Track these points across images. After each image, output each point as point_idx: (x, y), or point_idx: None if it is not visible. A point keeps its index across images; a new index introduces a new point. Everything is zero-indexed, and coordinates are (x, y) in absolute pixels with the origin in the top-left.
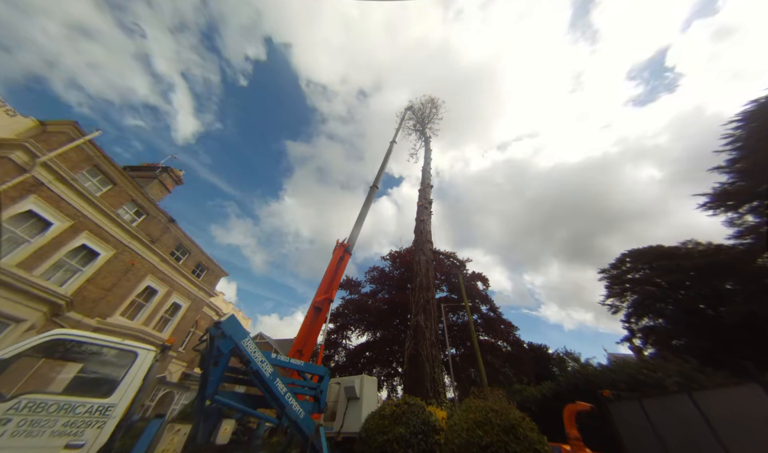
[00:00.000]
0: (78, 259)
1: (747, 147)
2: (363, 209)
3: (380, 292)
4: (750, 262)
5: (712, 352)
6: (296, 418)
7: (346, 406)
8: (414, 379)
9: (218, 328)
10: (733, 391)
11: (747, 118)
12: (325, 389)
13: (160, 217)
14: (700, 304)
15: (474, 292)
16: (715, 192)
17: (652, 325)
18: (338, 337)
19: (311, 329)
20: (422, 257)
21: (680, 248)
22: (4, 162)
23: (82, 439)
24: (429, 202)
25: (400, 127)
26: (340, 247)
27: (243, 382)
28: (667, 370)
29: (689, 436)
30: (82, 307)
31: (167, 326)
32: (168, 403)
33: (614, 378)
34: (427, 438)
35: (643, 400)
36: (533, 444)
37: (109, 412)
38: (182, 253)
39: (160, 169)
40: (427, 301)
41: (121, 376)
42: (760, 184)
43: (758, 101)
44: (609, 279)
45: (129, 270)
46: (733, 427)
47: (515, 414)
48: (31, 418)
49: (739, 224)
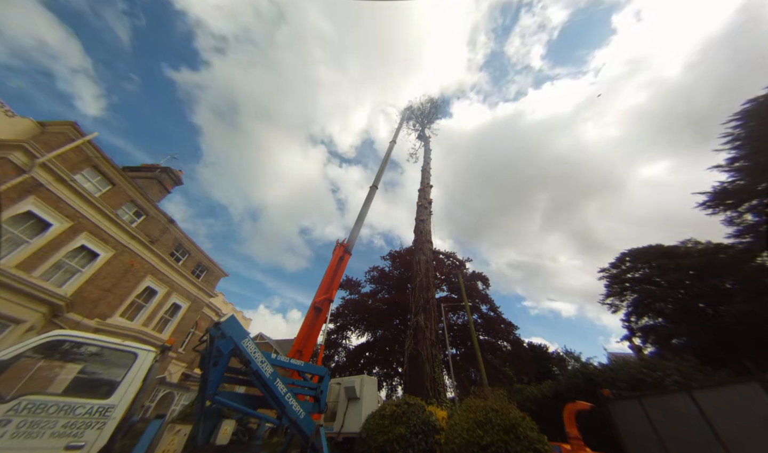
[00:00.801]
0: (77, 260)
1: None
2: (363, 209)
3: (380, 292)
4: (749, 261)
5: (712, 350)
6: (296, 418)
7: (347, 407)
8: (414, 379)
9: (218, 328)
10: (733, 390)
11: (746, 117)
12: (325, 389)
13: (160, 217)
14: (700, 303)
15: (474, 292)
16: (714, 191)
17: (651, 324)
18: (338, 337)
19: (311, 329)
20: (422, 257)
21: (679, 247)
22: (3, 163)
23: (82, 440)
24: (429, 202)
25: (399, 127)
26: (340, 247)
27: (243, 382)
28: (667, 369)
29: (689, 435)
30: (82, 307)
31: (167, 327)
32: (168, 403)
33: (614, 377)
34: (427, 438)
35: (643, 399)
36: (533, 443)
37: (109, 413)
38: (182, 254)
39: (159, 170)
40: (427, 300)
41: (120, 377)
42: (759, 183)
43: (757, 100)
44: (609, 278)
45: (128, 271)
46: (732, 426)
47: (515, 413)
48: (31, 419)
49: (739, 223)
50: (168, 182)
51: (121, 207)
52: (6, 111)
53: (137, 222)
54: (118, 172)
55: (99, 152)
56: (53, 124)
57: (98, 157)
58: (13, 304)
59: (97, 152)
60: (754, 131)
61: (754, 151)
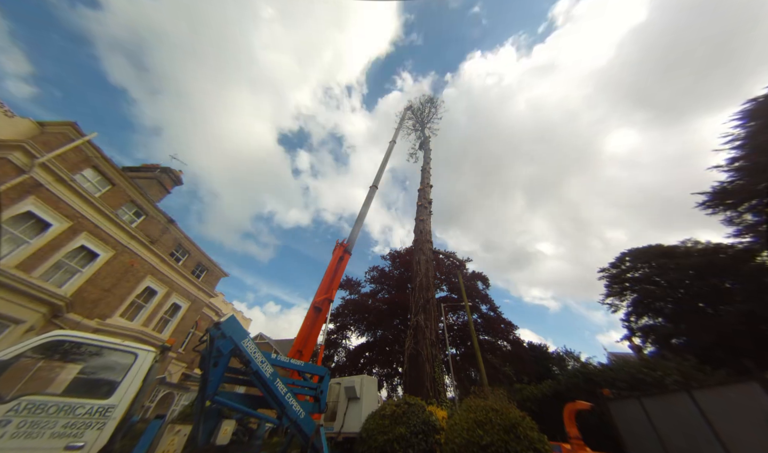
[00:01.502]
0: (77, 260)
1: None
2: (363, 209)
3: (380, 292)
4: (749, 261)
5: (712, 350)
6: (296, 418)
7: (347, 406)
8: (414, 378)
9: (218, 328)
10: (733, 390)
11: (746, 117)
12: (325, 389)
13: (160, 217)
14: (700, 303)
15: (474, 292)
16: (714, 190)
17: (651, 324)
18: (338, 337)
19: (311, 329)
20: (422, 257)
21: (679, 247)
22: (2, 163)
23: (81, 441)
24: (429, 201)
25: (399, 127)
26: (340, 246)
27: (243, 382)
28: (667, 369)
29: (689, 435)
30: (82, 308)
31: (167, 327)
32: (168, 403)
33: (614, 377)
34: (427, 437)
35: (643, 398)
36: (533, 443)
37: (109, 413)
38: (182, 254)
39: (159, 170)
40: (426, 300)
41: (120, 377)
42: (759, 183)
43: (757, 100)
44: (608, 278)
45: (128, 271)
46: (732, 426)
47: (515, 413)
48: (31, 419)
49: (739, 223)
50: (168, 182)
51: (121, 207)
52: (5, 111)
53: (137, 222)
54: (117, 172)
55: (99, 152)
56: (52, 124)
57: (98, 157)
58: (12, 305)
59: (97, 152)
60: (754, 131)
61: (753, 151)
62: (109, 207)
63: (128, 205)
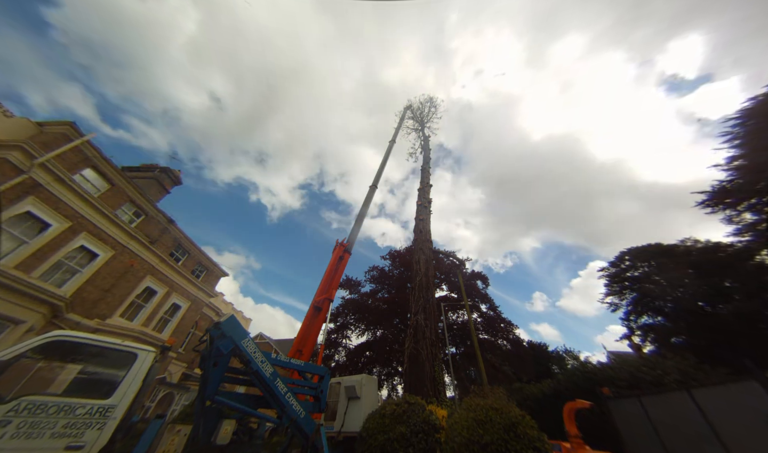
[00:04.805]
0: (77, 260)
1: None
2: (362, 209)
3: (380, 292)
4: (748, 260)
5: (711, 349)
6: (297, 417)
7: (347, 406)
8: (414, 378)
9: (218, 328)
10: (732, 388)
11: (745, 116)
12: (325, 389)
13: (159, 217)
14: (699, 302)
15: (473, 291)
16: (713, 190)
17: (651, 323)
18: (338, 336)
19: (311, 329)
20: (422, 256)
21: (679, 246)
22: (1, 163)
23: (82, 441)
24: (429, 201)
25: (399, 127)
26: (340, 246)
27: (243, 382)
28: (666, 368)
29: (688, 433)
30: (82, 308)
31: (167, 327)
32: (168, 403)
33: (614, 375)
34: (427, 437)
35: (643, 397)
36: (533, 442)
37: (109, 413)
38: (181, 254)
39: (158, 170)
40: (426, 300)
41: (120, 377)
42: (758, 182)
43: (756, 99)
44: (608, 277)
45: (128, 271)
46: (731, 424)
47: (515, 412)
48: (31, 419)
49: (738, 222)
50: (167, 182)
51: (121, 207)
52: (4, 111)
53: (136, 222)
54: (117, 173)
55: (98, 152)
56: (51, 124)
57: (97, 157)
58: (12, 305)
59: (96, 152)
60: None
61: (752, 150)
62: (108, 207)
63: (128, 205)
